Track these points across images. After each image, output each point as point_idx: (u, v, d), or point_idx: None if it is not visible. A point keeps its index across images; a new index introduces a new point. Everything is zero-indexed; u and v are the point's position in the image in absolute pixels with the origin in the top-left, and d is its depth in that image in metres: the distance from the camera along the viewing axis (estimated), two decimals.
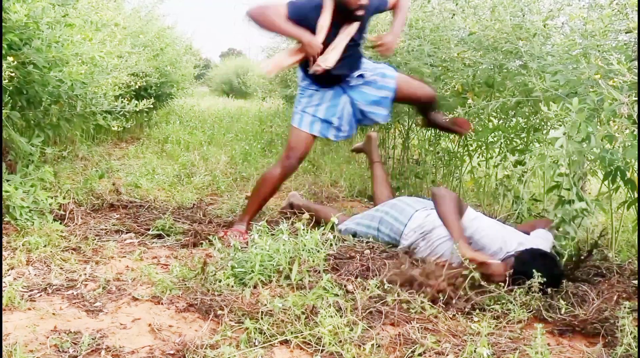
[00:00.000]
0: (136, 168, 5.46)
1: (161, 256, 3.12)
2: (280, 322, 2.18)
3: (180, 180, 5.10)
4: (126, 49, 4.69)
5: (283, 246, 2.66)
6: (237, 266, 2.65)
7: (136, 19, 7.31)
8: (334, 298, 2.38)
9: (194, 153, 6.44)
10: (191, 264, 2.89)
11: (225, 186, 4.91)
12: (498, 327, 2.31)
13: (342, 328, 2.11)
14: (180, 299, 2.46)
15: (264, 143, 7.33)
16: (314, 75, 3.40)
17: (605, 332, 2.24)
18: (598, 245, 3.07)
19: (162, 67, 7.95)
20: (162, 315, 2.33)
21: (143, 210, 3.95)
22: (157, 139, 7.45)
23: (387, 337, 2.16)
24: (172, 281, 2.61)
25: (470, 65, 3.74)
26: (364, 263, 2.90)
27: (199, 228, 3.49)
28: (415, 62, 4.21)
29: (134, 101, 4.39)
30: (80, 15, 3.75)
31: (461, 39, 4.00)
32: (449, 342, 2.14)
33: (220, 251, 2.87)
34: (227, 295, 2.43)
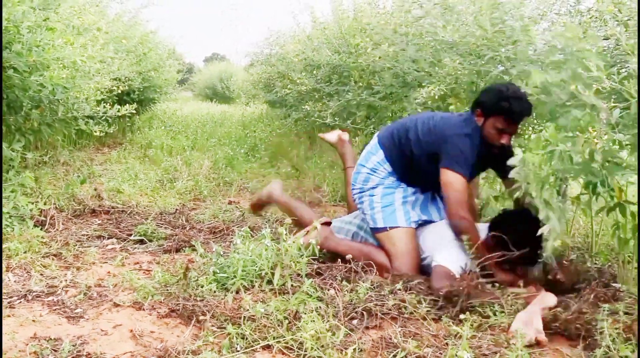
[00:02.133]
0: (118, 173, 5.43)
1: (143, 261, 3.10)
2: (262, 327, 2.17)
3: (162, 185, 5.08)
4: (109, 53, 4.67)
5: (265, 251, 2.65)
6: (220, 272, 2.64)
7: (119, 24, 7.29)
8: (317, 303, 2.38)
9: (176, 158, 6.41)
10: (173, 269, 2.88)
11: (208, 191, 4.90)
12: (480, 330, 2.31)
13: (324, 333, 2.10)
14: (162, 305, 2.44)
15: (247, 148, 7.32)
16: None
17: (585, 335, 2.25)
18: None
19: (145, 72, 7.94)
20: (144, 321, 2.31)
21: (125, 215, 3.94)
22: (140, 144, 7.42)
23: (369, 341, 2.16)
24: (154, 286, 2.59)
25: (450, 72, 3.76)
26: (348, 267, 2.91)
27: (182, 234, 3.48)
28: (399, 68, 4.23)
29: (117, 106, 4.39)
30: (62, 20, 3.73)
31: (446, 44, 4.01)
32: (430, 345, 2.14)
33: (203, 256, 2.86)
34: (209, 301, 2.41)
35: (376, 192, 3.12)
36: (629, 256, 2.93)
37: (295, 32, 8.42)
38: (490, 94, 2.90)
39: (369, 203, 3.13)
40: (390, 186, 3.13)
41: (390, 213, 3.06)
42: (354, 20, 5.51)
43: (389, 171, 3.14)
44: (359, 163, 3.24)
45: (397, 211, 3.07)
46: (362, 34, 4.79)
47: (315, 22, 7.38)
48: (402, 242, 3.00)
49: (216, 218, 4.05)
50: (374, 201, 3.11)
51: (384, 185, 3.13)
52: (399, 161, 3.12)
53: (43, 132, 3.90)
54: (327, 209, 4.52)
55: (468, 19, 3.66)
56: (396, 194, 3.11)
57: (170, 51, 11.19)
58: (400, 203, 3.09)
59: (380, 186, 3.13)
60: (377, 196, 3.12)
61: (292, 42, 7.74)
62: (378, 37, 4.50)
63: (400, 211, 3.07)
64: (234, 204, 4.57)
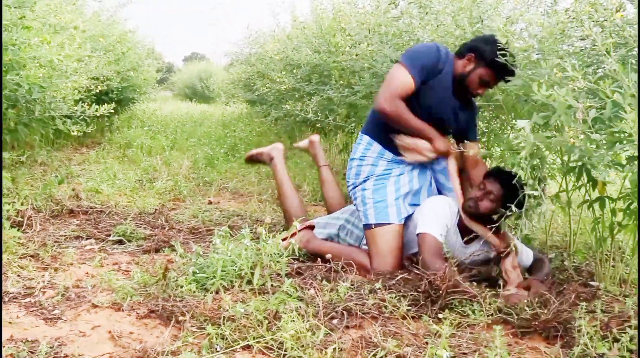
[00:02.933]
0: (97, 173, 5.39)
1: (122, 262, 3.08)
2: (242, 327, 2.17)
3: (142, 185, 5.05)
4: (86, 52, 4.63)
5: (245, 251, 2.65)
6: (199, 272, 2.62)
7: (97, 23, 7.23)
8: (297, 303, 2.38)
9: (156, 157, 6.39)
10: (152, 270, 2.86)
11: (187, 191, 4.88)
12: (460, 328, 2.33)
13: (305, 332, 2.10)
14: (141, 305, 2.43)
15: (227, 148, 7.30)
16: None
17: (563, 333, 2.27)
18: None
19: (123, 71, 7.88)
20: (123, 322, 2.29)
21: (104, 216, 3.90)
22: (119, 144, 7.37)
23: (349, 340, 2.16)
24: (133, 287, 2.58)
25: None
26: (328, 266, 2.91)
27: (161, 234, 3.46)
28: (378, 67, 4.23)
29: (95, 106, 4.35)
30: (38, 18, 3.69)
31: None
32: (410, 344, 2.15)
33: (182, 256, 2.85)
34: (188, 301, 2.40)
35: (368, 186, 3.13)
36: (606, 255, 2.96)
37: (275, 31, 8.41)
38: (491, 47, 2.87)
39: (361, 199, 3.14)
40: (382, 176, 3.13)
41: (382, 208, 3.07)
42: (334, 20, 5.51)
43: (377, 151, 3.15)
44: (350, 157, 3.26)
45: (390, 208, 3.07)
46: (341, 34, 4.79)
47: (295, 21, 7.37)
48: (385, 241, 3.01)
49: (196, 218, 4.04)
50: (366, 197, 3.12)
51: (375, 175, 3.13)
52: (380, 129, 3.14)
53: (20, 132, 3.85)
54: (308, 209, 4.52)
55: (446, 19, 3.68)
56: (388, 187, 3.11)
57: (150, 50, 11.14)
58: (393, 198, 3.09)
59: (372, 177, 3.13)
60: (369, 191, 3.12)
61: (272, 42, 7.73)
62: (358, 37, 4.50)
63: (393, 208, 3.08)
64: (214, 204, 4.56)
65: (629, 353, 2.02)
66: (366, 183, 3.14)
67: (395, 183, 3.12)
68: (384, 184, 3.11)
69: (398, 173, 3.14)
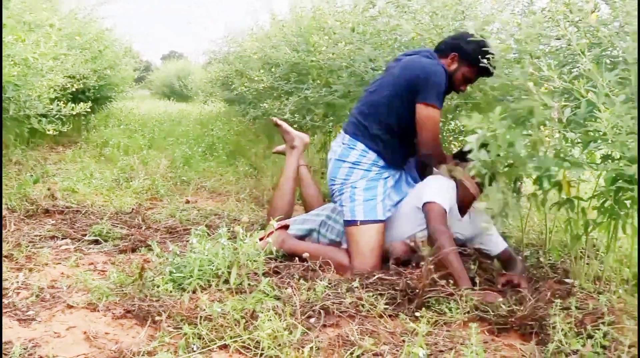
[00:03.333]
0: (73, 172, 5.34)
1: (98, 262, 3.06)
2: (219, 326, 2.16)
3: (118, 184, 5.01)
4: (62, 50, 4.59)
5: (222, 250, 2.64)
6: (176, 271, 2.61)
7: (73, 21, 7.17)
8: (274, 302, 2.37)
9: (133, 157, 6.34)
10: (129, 270, 2.84)
11: (165, 191, 4.85)
12: (437, 326, 2.34)
13: (282, 331, 2.10)
14: (118, 305, 2.41)
15: (205, 147, 7.27)
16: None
17: (538, 330, 2.29)
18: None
19: (100, 69, 7.83)
20: (98, 322, 2.27)
21: (80, 215, 3.87)
22: (96, 143, 7.31)
23: (327, 339, 2.16)
24: (109, 287, 2.56)
25: None
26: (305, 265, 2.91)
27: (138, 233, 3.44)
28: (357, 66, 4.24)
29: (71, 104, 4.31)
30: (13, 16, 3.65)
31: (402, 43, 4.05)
32: (387, 343, 2.16)
33: (159, 256, 2.83)
34: (165, 301, 2.39)
35: (359, 184, 3.13)
36: (581, 252, 2.99)
37: (254, 30, 8.38)
38: (473, 45, 2.91)
39: (349, 195, 3.14)
40: (374, 178, 3.15)
41: (371, 207, 3.08)
42: (312, 19, 5.51)
43: (372, 159, 3.15)
44: (337, 158, 3.22)
45: (378, 206, 3.09)
46: (320, 33, 4.79)
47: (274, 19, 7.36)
48: (367, 239, 3.02)
49: (173, 217, 4.01)
50: (356, 194, 3.12)
51: (367, 178, 3.14)
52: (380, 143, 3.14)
53: None
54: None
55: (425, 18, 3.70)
56: (379, 188, 3.13)
57: (127, 49, 11.06)
58: (381, 198, 3.12)
59: (364, 178, 3.14)
60: (359, 189, 3.12)
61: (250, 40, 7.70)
62: (336, 36, 4.51)
63: (381, 206, 3.10)
64: (191, 203, 4.54)
65: (602, 349, 2.04)
66: (358, 182, 3.14)
67: (384, 184, 3.16)
68: (375, 185, 3.14)
69: (387, 175, 3.19)
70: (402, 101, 3.03)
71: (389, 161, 3.17)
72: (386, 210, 3.13)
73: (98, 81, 7.68)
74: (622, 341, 2.06)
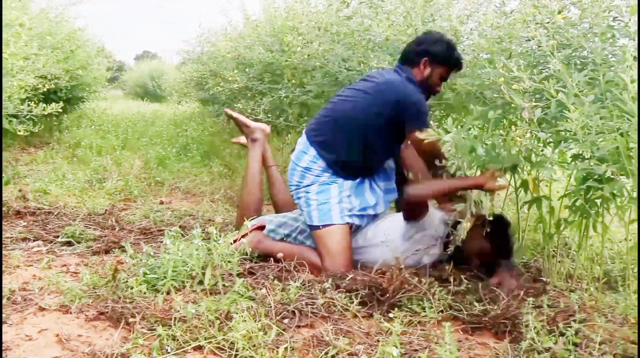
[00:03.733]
0: (45, 173, 5.29)
1: (71, 264, 3.03)
2: (193, 327, 2.15)
3: (91, 185, 4.97)
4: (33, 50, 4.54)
5: (196, 251, 2.63)
6: (150, 273, 2.60)
7: (44, 20, 7.09)
8: (248, 303, 2.37)
9: (106, 157, 6.29)
10: (102, 271, 2.82)
11: (138, 191, 4.81)
12: (411, 325, 2.35)
13: (256, 332, 2.10)
14: (90, 307, 2.39)
15: (179, 147, 7.23)
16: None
17: (512, 328, 2.32)
18: None
19: (72, 69, 7.75)
20: (71, 325, 2.25)
21: (52, 217, 3.83)
22: (68, 144, 7.24)
23: (301, 339, 2.17)
24: (82, 289, 2.53)
25: None
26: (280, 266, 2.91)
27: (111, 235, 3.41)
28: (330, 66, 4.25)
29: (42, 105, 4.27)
30: None
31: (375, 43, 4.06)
32: (362, 343, 2.16)
33: (133, 257, 2.81)
34: (139, 302, 2.37)
35: (311, 189, 3.11)
36: (553, 251, 3.03)
37: (227, 30, 8.37)
38: (440, 45, 2.95)
39: (305, 200, 3.12)
40: (326, 182, 3.12)
41: (326, 211, 3.06)
42: (286, 19, 5.51)
43: (322, 167, 3.12)
44: (293, 160, 3.21)
45: (333, 210, 3.06)
46: (294, 33, 4.79)
47: (247, 19, 7.35)
48: (334, 241, 3.01)
49: (147, 218, 3.99)
50: (310, 199, 3.10)
51: (319, 182, 3.12)
52: (334, 154, 3.10)
53: None
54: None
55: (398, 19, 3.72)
56: (332, 190, 3.10)
57: (100, 49, 10.97)
58: (336, 201, 3.08)
59: (315, 183, 3.12)
60: (312, 193, 3.11)
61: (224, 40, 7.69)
62: (310, 36, 4.52)
63: (336, 210, 3.06)
64: (166, 204, 4.52)
65: (573, 346, 2.07)
66: (310, 187, 3.12)
67: (339, 186, 3.11)
68: (327, 187, 3.11)
69: (340, 180, 3.13)
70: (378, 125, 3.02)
71: (338, 172, 3.12)
72: (344, 214, 3.07)
73: (70, 81, 7.61)
74: (593, 338, 2.09)
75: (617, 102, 2.14)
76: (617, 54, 2.48)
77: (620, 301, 2.59)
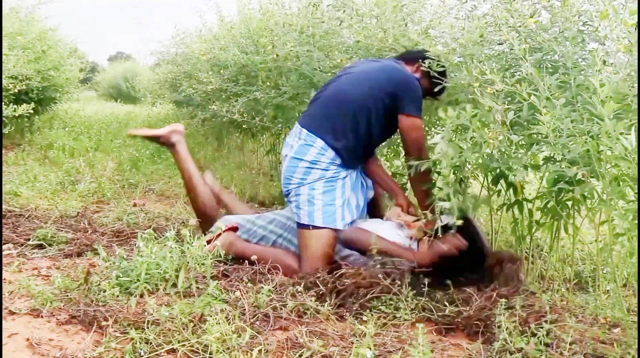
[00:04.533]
0: (16, 175, 5.22)
1: (42, 267, 2.99)
2: (167, 330, 2.14)
3: (64, 188, 4.91)
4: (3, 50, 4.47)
5: (170, 253, 2.61)
6: (123, 276, 2.57)
7: (14, 20, 7.01)
8: (222, 305, 2.36)
9: (79, 159, 6.23)
10: (74, 274, 2.79)
11: (111, 194, 4.77)
12: (385, 327, 2.36)
13: (230, 335, 2.09)
14: (62, 311, 2.36)
15: (153, 149, 7.18)
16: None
17: (484, 329, 2.34)
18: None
19: (44, 70, 7.66)
20: (42, 329, 2.23)
21: (23, 219, 3.78)
22: (40, 146, 7.16)
23: (275, 341, 2.17)
24: (53, 292, 2.50)
25: None
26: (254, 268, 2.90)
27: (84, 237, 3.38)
28: (305, 68, 4.25)
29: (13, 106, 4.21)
30: None
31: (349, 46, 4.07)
32: (336, 345, 2.17)
33: (105, 260, 2.78)
34: (111, 305, 2.35)
35: (317, 186, 3.04)
36: (525, 252, 3.06)
37: (202, 31, 8.32)
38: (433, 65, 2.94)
39: (308, 198, 3.05)
40: (332, 179, 3.06)
41: (331, 213, 3.02)
42: (261, 21, 5.50)
43: (330, 158, 3.05)
44: (295, 156, 3.09)
45: (337, 213, 3.03)
46: (269, 34, 4.79)
47: (222, 21, 7.32)
48: (319, 245, 2.99)
49: (120, 220, 3.96)
50: (315, 197, 3.04)
51: (325, 178, 3.05)
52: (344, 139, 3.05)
53: None
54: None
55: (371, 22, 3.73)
56: (337, 191, 3.06)
57: (72, 49, 10.86)
58: (340, 202, 3.05)
59: (322, 179, 3.05)
60: (318, 191, 3.04)
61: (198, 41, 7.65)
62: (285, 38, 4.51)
63: (340, 212, 3.04)
64: (139, 206, 4.48)
65: (545, 347, 2.10)
66: (316, 183, 3.05)
67: (342, 186, 3.08)
68: (333, 187, 3.05)
69: (344, 175, 3.10)
70: (378, 104, 3.01)
71: (346, 160, 3.09)
72: (345, 220, 3.06)
73: (42, 82, 7.53)
74: (564, 338, 2.12)
75: (587, 106, 2.17)
76: (587, 58, 2.52)
77: (591, 301, 2.63)
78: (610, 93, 2.03)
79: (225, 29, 6.78)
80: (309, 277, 2.74)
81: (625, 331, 2.29)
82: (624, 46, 2.14)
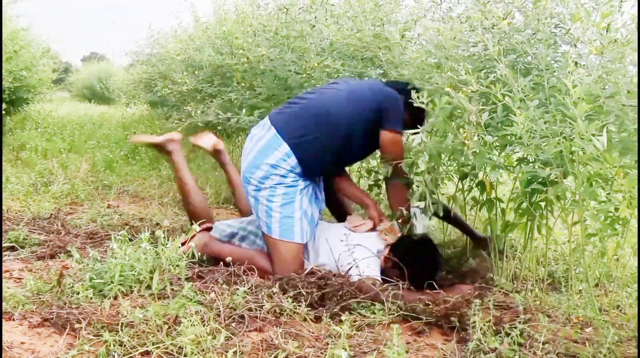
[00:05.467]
0: None
1: (14, 269, 2.95)
2: (141, 332, 2.12)
3: (36, 189, 4.85)
4: None
5: (144, 255, 2.59)
6: (96, 278, 2.55)
7: None
8: (197, 307, 2.35)
9: (52, 160, 6.15)
10: (47, 277, 2.76)
11: (85, 195, 4.72)
12: (360, 328, 2.37)
13: (205, 336, 2.08)
14: (34, 314, 2.33)
15: (127, 150, 7.12)
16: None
17: (459, 329, 2.36)
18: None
19: (16, 71, 7.57)
20: (14, 332, 2.20)
21: None
22: (12, 147, 7.06)
23: (250, 343, 2.16)
24: (25, 295, 2.47)
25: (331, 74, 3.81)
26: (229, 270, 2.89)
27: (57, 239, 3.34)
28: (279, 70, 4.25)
29: None
30: None
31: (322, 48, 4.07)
32: (311, 346, 2.17)
33: (79, 262, 2.75)
34: (85, 308, 2.33)
35: (275, 199, 3.01)
36: (499, 252, 3.08)
37: (177, 31, 8.29)
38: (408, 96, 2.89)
39: (266, 210, 3.02)
40: (290, 187, 3.02)
41: (288, 227, 2.99)
42: (236, 22, 5.49)
43: (292, 165, 3.00)
44: (256, 156, 3.05)
45: (295, 226, 3.00)
46: (244, 35, 4.78)
47: (197, 21, 7.29)
48: (287, 250, 2.99)
49: (94, 222, 3.91)
50: (273, 209, 3.01)
51: (284, 184, 3.01)
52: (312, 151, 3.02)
53: None
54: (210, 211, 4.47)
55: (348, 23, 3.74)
56: (296, 203, 3.01)
57: (45, 49, 10.75)
58: (299, 215, 3.02)
59: (280, 186, 3.01)
60: (276, 204, 3.01)
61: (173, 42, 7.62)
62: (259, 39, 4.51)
63: (298, 226, 3.01)
64: (113, 208, 4.44)
65: (518, 346, 2.12)
66: (274, 191, 3.01)
67: (301, 199, 3.04)
68: (292, 199, 3.02)
69: (302, 186, 3.07)
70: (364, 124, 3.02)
71: (307, 172, 3.06)
72: (304, 232, 3.04)
73: (13, 83, 7.44)
74: (537, 338, 2.14)
75: (560, 107, 2.20)
76: (560, 60, 2.55)
77: (563, 301, 2.66)
78: (582, 95, 2.06)
79: (200, 30, 6.76)
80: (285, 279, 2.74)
81: (597, 330, 2.32)
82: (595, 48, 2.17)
